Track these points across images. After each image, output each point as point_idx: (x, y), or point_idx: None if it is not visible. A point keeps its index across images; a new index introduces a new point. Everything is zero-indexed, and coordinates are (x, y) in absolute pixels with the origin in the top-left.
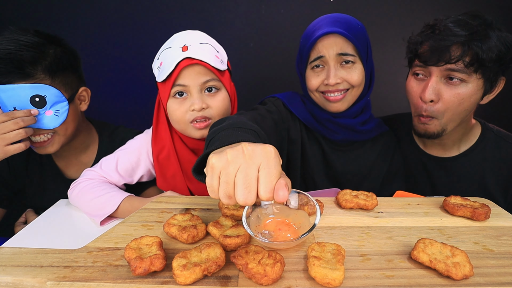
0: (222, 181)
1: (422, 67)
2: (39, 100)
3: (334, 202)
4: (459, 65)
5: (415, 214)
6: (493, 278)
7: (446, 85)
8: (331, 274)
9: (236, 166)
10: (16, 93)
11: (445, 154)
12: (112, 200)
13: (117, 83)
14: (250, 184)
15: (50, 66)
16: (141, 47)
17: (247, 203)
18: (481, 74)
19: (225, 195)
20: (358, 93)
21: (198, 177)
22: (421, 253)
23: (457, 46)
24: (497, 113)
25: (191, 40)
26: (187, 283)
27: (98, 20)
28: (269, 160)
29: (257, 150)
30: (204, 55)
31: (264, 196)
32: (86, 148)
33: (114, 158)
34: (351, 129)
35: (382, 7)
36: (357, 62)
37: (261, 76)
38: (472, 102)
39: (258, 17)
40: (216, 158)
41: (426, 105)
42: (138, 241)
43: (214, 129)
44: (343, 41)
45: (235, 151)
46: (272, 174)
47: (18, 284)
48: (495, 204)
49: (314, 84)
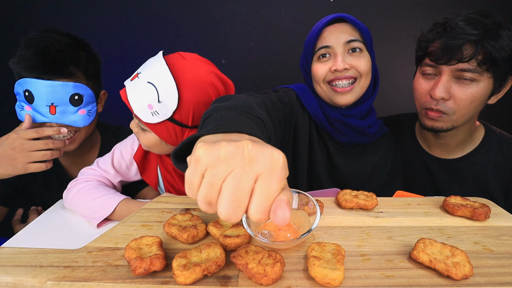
0: (205, 182)
1: (432, 66)
2: (78, 98)
3: (334, 202)
4: (472, 63)
5: (415, 214)
6: (493, 278)
7: (457, 84)
8: (331, 274)
9: (229, 168)
10: (59, 90)
11: (448, 155)
12: (108, 203)
13: (118, 83)
14: (239, 197)
15: (87, 68)
16: (142, 47)
17: (230, 219)
18: (491, 73)
19: (205, 201)
20: (366, 83)
21: (178, 164)
22: (421, 253)
23: (470, 44)
24: (499, 116)
25: (143, 73)
26: (187, 283)
27: (99, 21)
28: (273, 172)
29: (262, 154)
30: (134, 98)
31: (255, 216)
32: (91, 148)
33: (110, 154)
34: (360, 131)
35: (382, 8)
36: (364, 50)
37: (261, 76)
38: (482, 101)
39: (258, 17)
40: (205, 150)
41: (436, 102)
42: (138, 241)
43: (215, 105)
44: (350, 28)
45: (233, 149)
46: (272, 190)
47: (18, 284)
48: (495, 204)
49: (321, 73)
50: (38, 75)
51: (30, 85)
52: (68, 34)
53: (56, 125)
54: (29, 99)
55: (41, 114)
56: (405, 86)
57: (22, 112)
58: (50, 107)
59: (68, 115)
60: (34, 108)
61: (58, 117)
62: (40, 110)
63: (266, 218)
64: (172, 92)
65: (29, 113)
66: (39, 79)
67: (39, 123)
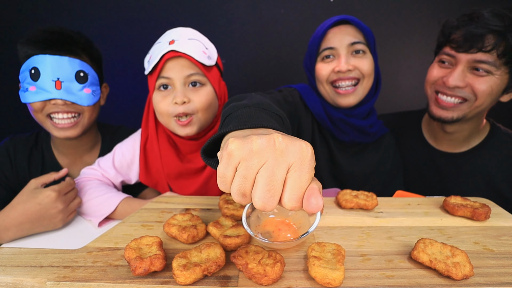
0: (239, 174)
1: (450, 55)
2: (83, 75)
3: (334, 202)
4: (493, 54)
5: (415, 214)
6: (493, 278)
7: (473, 74)
8: (331, 274)
9: (262, 160)
10: (65, 65)
11: (454, 149)
12: (110, 201)
13: (118, 83)
14: (274, 187)
15: (91, 53)
16: (142, 47)
17: (265, 208)
18: (508, 69)
19: (239, 192)
20: (368, 85)
21: (208, 160)
22: (421, 253)
23: (493, 35)
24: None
25: (180, 35)
26: (187, 283)
27: (99, 20)
28: (303, 161)
29: (292, 146)
30: (189, 49)
31: (289, 205)
32: (90, 148)
33: (111, 154)
34: (362, 130)
35: (382, 8)
36: (367, 52)
37: (261, 76)
38: (496, 96)
39: (258, 17)
40: (238, 144)
41: (452, 89)
42: (138, 241)
43: (232, 104)
44: (354, 31)
45: (265, 142)
46: (304, 179)
47: (18, 284)
48: (495, 204)
49: (324, 74)
50: (45, 50)
51: (37, 61)
52: (70, 30)
53: (60, 102)
54: (35, 77)
55: (45, 90)
56: (407, 87)
57: (26, 93)
58: (56, 82)
59: (73, 91)
60: (39, 86)
61: (63, 93)
62: (45, 87)
63: (299, 206)
64: (210, 43)
65: (32, 93)
66: (46, 54)
67: (42, 102)
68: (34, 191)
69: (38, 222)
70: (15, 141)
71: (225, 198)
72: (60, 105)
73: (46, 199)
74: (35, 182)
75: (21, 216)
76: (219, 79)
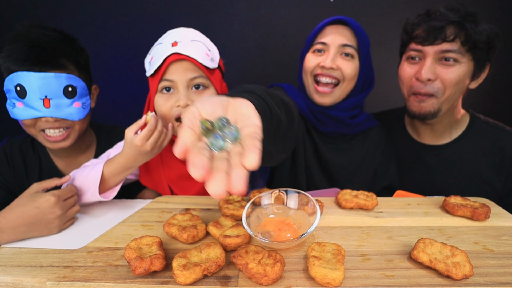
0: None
1: (417, 51)
2: (72, 90)
3: (334, 202)
4: (456, 43)
5: (415, 214)
6: (493, 278)
7: (441, 65)
8: (331, 274)
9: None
10: (52, 82)
11: (438, 141)
12: (95, 169)
13: (116, 83)
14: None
15: (77, 60)
16: (140, 47)
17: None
18: (472, 56)
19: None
20: (348, 89)
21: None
22: (421, 253)
23: (452, 26)
24: (500, 113)
25: (182, 36)
26: (187, 283)
27: (97, 20)
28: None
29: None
30: (193, 52)
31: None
32: (86, 148)
33: (106, 153)
34: (341, 121)
35: (381, 8)
36: (355, 58)
37: (261, 76)
38: (465, 84)
39: (258, 17)
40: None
41: (424, 84)
42: (138, 241)
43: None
44: (350, 33)
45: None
46: None
47: (18, 284)
48: (495, 204)
49: (310, 66)
50: (30, 67)
51: (21, 78)
52: (54, 29)
53: (51, 119)
54: (21, 94)
55: (34, 109)
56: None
57: (14, 110)
58: (44, 100)
59: (62, 108)
60: (27, 104)
61: (52, 111)
62: (33, 105)
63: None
64: (212, 44)
65: (21, 109)
66: (30, 72)
67: (33, 119)
68: (34, 195)
69: (34, 226)
70: (11, 143)
71: (225, 198)
72: (51, 122)
73: (45, 203)
74: (37, 186)
75: (18, 219)
76: (221, 81)
